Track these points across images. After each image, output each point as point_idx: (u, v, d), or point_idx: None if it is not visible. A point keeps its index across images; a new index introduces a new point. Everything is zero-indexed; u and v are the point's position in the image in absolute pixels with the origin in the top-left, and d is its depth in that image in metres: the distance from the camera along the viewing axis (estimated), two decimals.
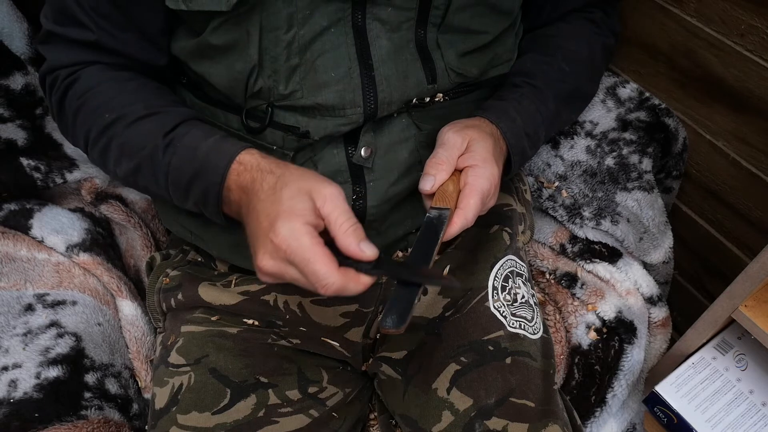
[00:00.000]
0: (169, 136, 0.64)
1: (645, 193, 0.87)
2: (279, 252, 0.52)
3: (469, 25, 0.67)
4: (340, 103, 0.65)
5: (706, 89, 0.84)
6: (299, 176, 0.56)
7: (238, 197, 0.60)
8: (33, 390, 0.70)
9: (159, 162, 0.64)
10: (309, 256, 0.51)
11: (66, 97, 0.69)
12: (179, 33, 0.67)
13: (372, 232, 0.74)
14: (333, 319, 0.77)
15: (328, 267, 0.51)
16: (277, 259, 0.53)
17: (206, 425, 0.68)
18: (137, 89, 0.68)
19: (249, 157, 0.60)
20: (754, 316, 0.72)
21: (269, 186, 0.56)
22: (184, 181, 0.63)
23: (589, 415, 0.84)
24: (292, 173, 0.57)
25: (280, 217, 0.53)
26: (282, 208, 0.53)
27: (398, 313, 0.51)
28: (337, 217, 0.53)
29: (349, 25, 0.63)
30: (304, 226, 0.52)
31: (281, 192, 0.54)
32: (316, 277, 0.51)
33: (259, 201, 0.56)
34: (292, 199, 0.54)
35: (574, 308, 0.86)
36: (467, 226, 0.61)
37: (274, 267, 0.53)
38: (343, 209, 0.54)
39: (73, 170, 0.87)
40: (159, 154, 0.64)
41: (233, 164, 0.60)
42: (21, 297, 0.79)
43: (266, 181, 0.57)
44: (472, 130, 0.66)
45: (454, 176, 0.63)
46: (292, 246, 0.52)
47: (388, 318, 0.50)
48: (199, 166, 0.62)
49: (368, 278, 0.53)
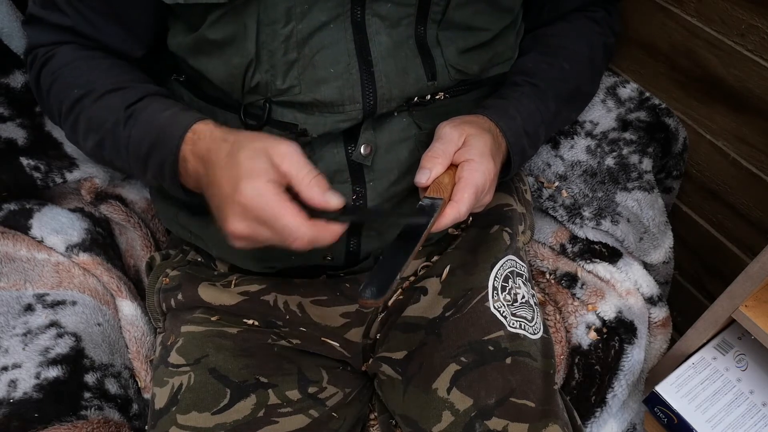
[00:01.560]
0: (130, 109, 0.65)
1: (645, 193, 0.87)
2: (248, 212, 0.53)
3: (470, 21, 0.67)
4: (338, 99, 0.65)
5: (706, 89, 0.84)
6: (253, 138, 0.57)
7: (195, 167, 0.60)
8: (33, 390, 0.70)
9: (120, 135, 0.65)
10: (277, 211, 0.52)
11: (41, 73, 0.71)
12: (176, 29, 0.68)
13: (371, 232, 0.74)
14: (333, 319, 0.77)
15: (298, 219, 0.52)
16: (247, 220, 0.54)
17: (206, 425, 0.68)
18: (109, 67, 0.70)
19: (203, 126, 0.61)
20: (755, 316, 0.72)
21: (226, 152, 0.56)
22: (142, 153, 0.64)
23: (589, 415, 0.84)
24: (245, 137, 0.57)
25: (243, 178, 0.53)
26: (242, 170, 0.53)
27: (378, 285, 0.51)
28: (297, 171, 0.54)
29: (348, 21, 0.63)
30: (268, 183, 0.53)
31: (238, 155, 0.55)
32: (287, 230, 0.52)
33: (218, 168, 0.56)
34: (250, 160, 0.54)
35: (574, 308, 0.86)
36: (459, 219, 0.61)
37: (246, 229, 0.54)
38: (303, 163, 0.55)
39: (73, 170, 0.86)
40: (120, 127, 0.65)
41: (188, 134, 0.60)
42: (21, 297, 0.79)
43: (221, 148, 0.57)
44: (470, 125, 0.66)
45: (450, 170, 0.64)
46: (260, 204, 0.52)
47: (367, 289, 0.51)
48: (155, 138, 0.62)
49: (339, 226, 0.55)
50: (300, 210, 0.53)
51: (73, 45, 0.71)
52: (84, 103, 0.67)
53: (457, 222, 0.61)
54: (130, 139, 0.64)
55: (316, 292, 0.77)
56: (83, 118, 0.68)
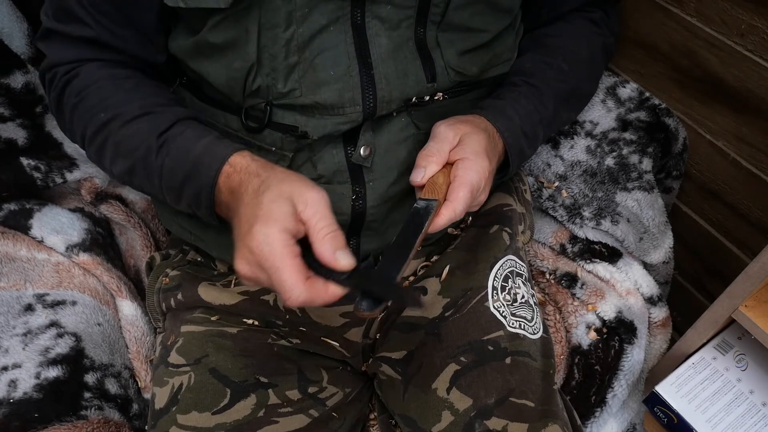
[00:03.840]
0: (163, 137, 0.64)
1: (645, 193, 0.87)
2: (252, 257, 0.52)
3: (469, 23, 0.67)
4: (339, 102, 0.65)
5: (706, 89, 0.84)
6: (282, 179, 0.56)
7: (228, 199, 0.60)
8: (33, 390, 0.70)
9: (152, 163, 0.64)
10: (278, 264, 0.51)
11: (64, 93, 0.69)
12: (177, 32, 0.67)
13: (371, 232, 0.74)
14: (333, 319, 0.77)
15: (294, 279, 0.51)
16: (251, 264, 0.53)
17: (206, 425, 0.68)
18: (134, 88, 0.68)
19: (240, 159, 0.60)
20: (754, 316, 0.72)
21: (253, 189, 0.56)
22: (177, 183, 0.63)
23: (589, 415, 0.84)
24: (276, 176, 0.56)
25: (258, 221, 0.52)
26: (261, 212, 0.53)
27: (374, 296, 0.50)
28: (317, 222, 0.53)
29: (348, 24, 0.63)
30: (280, 233, 0.52)
31: (262, 196, 0.54)
32: (282, 287, 0.51)
33: (243, 204, 0.56)
34: (271, 203, 0.53)
35: (574, 308, 0.86)
36: (455, 218, 0.61)
37: (249, 272, 0.53)
38: (324, 214, 0.53)
39: (73, 170, 0.87)
40: (153, 155, 0.64)
41: (225, 166, 0.60)
42: (21, 297, 0.79)
43: (251, 184, 0.57)
44: (465, 124, 0.66)
45: (446, 169, 0.64)
46: (264, 252, 0.51)
47: (363, 301, 0.50)
48: (191, 168, 0.62)
49: (338, 289, 0.52)
50: (301, 268, 0.51)
51: (97, 63, 0.69)
52: (111, 128, 0.66)
53: (453, 221, 0.61)
54: (163, 169, 0.63)
55: None
56: (111, 144, 0.66)
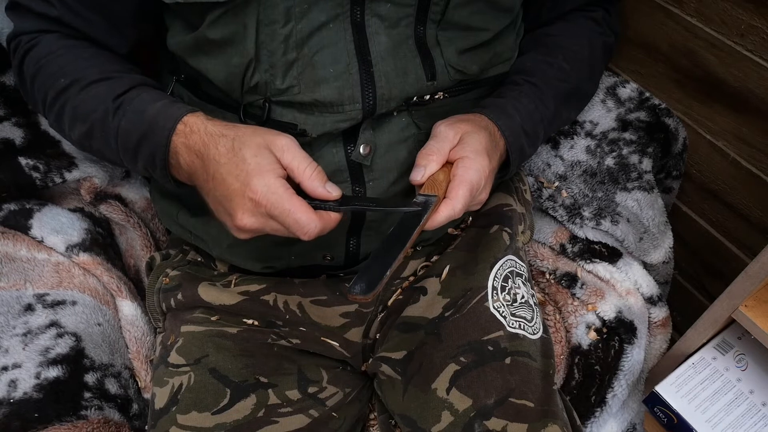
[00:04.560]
0: (120, 99, 0.65)
1: (645, 193, 0.87)
2: (259, 207, 0.56)
3: (469, 21, 0.67)
4: (338, 99, 0.65)
5: (706, 89, 0.84)
6: (252, 133, 0.59)
7: (190, 161, 0.61)
8: (33, 390, 0.70)
9: (109, 125, 0.65)
10: (289, 206, 0.55)
11: (24, 61, 0.71)
12: (175, 29, 0.68)
13: (371, 232, 0.74)
14: (333, 319, 0.77)
15: (308, 214, 0.56)
16: (258, 215, 0.56)
17: (206, 425, 0.68)
18: (93, 56, 0.70)
19: (194, 118, 0.61)
20: (754, 316, 0.72)
21: (226, 149, 0.58)
22: (132, 144, 0.64)
23: (589, 415, 0.84)
24: (244, 132, 0.59)
25: (252, 174, 0.56)
26: (250, 166, 0.56)
27: (368, 281, 0.52)
28: (298, 164, 0.58)
29: (347, 21, 0.63)
30: (278, 179, 0.56)
31: (242, 152, 0.57)
32: (298, 225, 0.55)
33: (220, 165, 0.58)
34: (256, 157, 0.57)
35: (574, 308, 0.86)
36: (454, 216, 0.61)
37: (256, 223, 0.57)
38: (303, 156, 0.58)
39: (72, 169, 0.86)
40: (109, 117, 0.65)
41: (179, 125, 0.61)
42: (21, 297, 0.79)
43: (221, 144, 0.59)
44: (466, 123, 0.66)
45: (446, 168, 0.64)
46: (271, 200, 0.55)
47: (356, 285, 0.52)
48: (146, 128, 0.63)
49: (338, 215, 0.59)
50: (308, 204, 0.56)
51: (58, 34, 0.70)
52: (70, 93, 0.67)
53: (451, 219, 0.61)
54: (119, 130, 0.64)
55: (315, 292, 0.77)
56: (69, 108, 0.68)
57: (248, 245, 0.74)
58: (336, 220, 0.59)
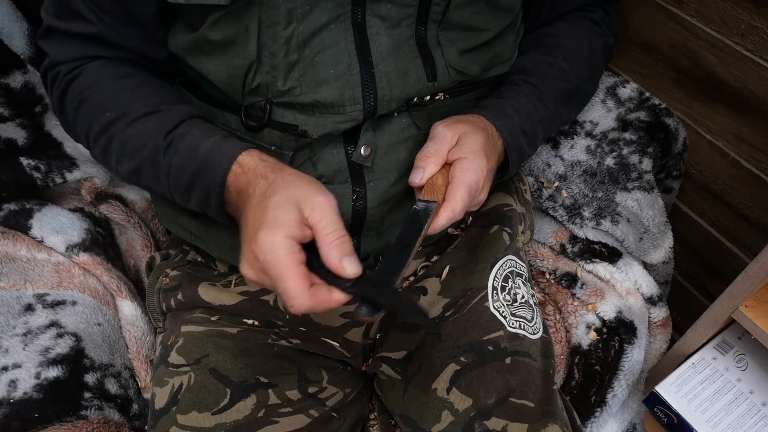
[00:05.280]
0: (170, 136, 0.64)
1: (645, 193, 0.87)
2: (257, 263, 0.52)
3: (470, 22, 0.67)
4: (339, 100, 0.65)
5: (706, 89, 0.84)
6: (290, 183, 0.55)
7: (235, 199, 0.60)
8: (33, 390, 0.70)
9: (160, 162, 0.64)
10: (282, 273, 0.51)
11: (67, 93, 0.69)
12: (177, 28, 0.67)
13: (371, 232, 0.74)
14: (333, 319, 0.77)
15: (298, 287, 0.50)
16: (256, 270, 0.53)
17: (206, 425, 0.68)
18: (139, 86, 0.68)
19: (248, 158, 0.60)
20: (754, 316, 0.72)
21: (260, 193, 0.56)
22: (185, 182, 0.63)
23: (589, 415, 0.84)
24: (284, 179, 0.56)
25: (263, 227, 0.52)
26: (266, 218, 0.53)
27: (374, 301, 0.50)
28: (324, 227, 0.52)
29: (348, 22, 0.63)
30: (284, 240, 0.51)
31: (268, 200, 0.54)
32: (285, 294, 0.51)
33: (250, 207, 0.56)
34: (276, 209, 0.53)
35: (574, 308, 0.86)
36: (455, 219, 0.61)
37: (254, 276, 0.54)
38: (331, 219, 0.53)
39: (73, 170, 0.87)
40: (160, 155, 0.64)
41: (233, 165, 0.60)
42: (21, 297, 0.79)
43: (258, 186, 0.57)
44: (464, 124, 0.66)
45: (444, 169, 0.64)
46: (268, 259, 0.51)
47: (363, 307, 0.49)
48: (199, 167, 0.62)
49: (342, 295, 0.52)
50: (305, 276, 0.51)
51: (100, 61, 0.69)
52: (116, 128, 0.66)
53: (452, 221, 0.61)
54: (171, 167, 0.63)
55: None
56: (117, 143, 0.66)
57: None
58: (337, 302, 0.52)
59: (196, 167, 0.62)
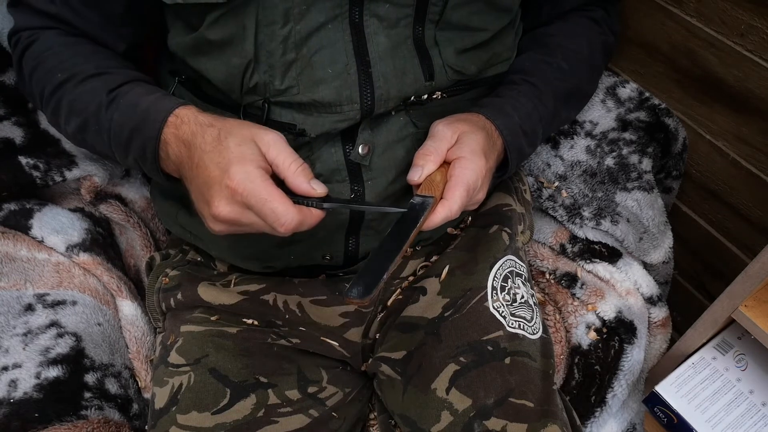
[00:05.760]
0: (113, 93, 0.66)
1: (645, 193, 0.87)
2: (236, 195, 0.55)
3: (468, 22, 0.67)
4: (336, 100, 0.65)
5: (706, 89, 0.84)
6: (240, 125, 0.59)
7: (178, 151, 0.61)
8: (33, 390, 0.70)
9: (102, 118, 0.65)
10: (266, 195, 0.54)
11: (24, 56, 0.72)
12: (176, 29, 0.68)
13: (370, 231, 0.74)
14: (332, 319, 0.77)
15: (285, 205, 0.55)
16: (234, 204, 0.56)
17: (206, 425, 0.68)
18: (92, 52, 0.71)
19: (186, 110, 0.61)
20: (754, 316, 0.72)
21: (212, 138, 0.58)
22: (124, 137, 0.64)
23: (589, 415, 0.84)
24: (233, 123, 0.59)
25: (233, 162, 0.55)
26: (233, 155, 0.56)
27: (365, 285, 0.51)
28: (283, 159, 0.57)
29: (346, 22, 0.63)
30: (257, 169, 0.55)
31: (227, 141, 0.57)
32: (275, 215, 0.54)
33: (204, 153, 0.58)
34: (240, 146, 0.56)
35: (574, 308, 0.86)
36: (451, 217, 0.61)
37: (231, 212, 0.56)
38: (288, 152, 0.58)
39: (72, 168, 0.86)
40: (103, 110, 0.65)
41: (170, 117, 0.61)
42: (21, 297, 0.79)
43: (207, 133, 0.58)
44: (463, 123, 0.66)
45: (443, 168, 0.64)
46: (248, 188, 0.54)
47: (354, 288, 0.51)
48: (138, 121, 0.63)
49: (320, 212, 0.58)
50: (286, 195, 0.56)
51: (57, 30, 0.71)
52: (66, 87, 0.68)
53: (448, 220, 0.61)
54: (112, 123, 0.65)
55: (315, 292, 0.77)
56: (65, 102, 0.68)
57: (248, 245, 0.74)
58: (318, 217, 0.58)
59: (134, 123, 0.63)
